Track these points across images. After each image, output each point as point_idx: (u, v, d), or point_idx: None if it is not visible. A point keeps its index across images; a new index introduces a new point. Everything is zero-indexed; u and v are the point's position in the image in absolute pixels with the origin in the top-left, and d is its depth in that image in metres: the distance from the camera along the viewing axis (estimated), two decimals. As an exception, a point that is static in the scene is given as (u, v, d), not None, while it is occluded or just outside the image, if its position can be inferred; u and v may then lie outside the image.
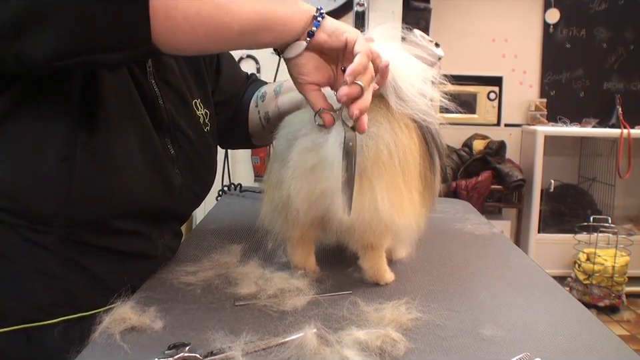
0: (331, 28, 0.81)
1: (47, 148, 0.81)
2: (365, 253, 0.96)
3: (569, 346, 0.76)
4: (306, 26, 0.80)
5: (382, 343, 0.72)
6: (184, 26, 0.70)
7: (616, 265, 3.39)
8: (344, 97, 0.79)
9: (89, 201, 0.84)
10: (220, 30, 0.74)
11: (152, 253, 0.99)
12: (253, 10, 0.75)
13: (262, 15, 0.76)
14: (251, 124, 1.27)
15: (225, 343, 0.72)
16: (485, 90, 4.06)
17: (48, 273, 0.85)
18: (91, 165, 0.83)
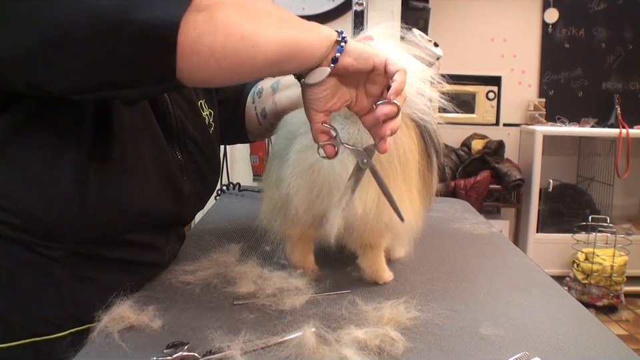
0: (356, 51, 0.78)
1: (60, 167, 0.79)
2: (363, 252, 0.96)
3: (567, 345, 0.76)
4: (328, 51, 0.77)
5: (381, 342, 0.72)
6: (209, 61, 0.67)
7: (614, 264, 3.40)
8: (383, 116, 0.78)
9: (102, 219, 0.83)
10: (245, 64, 0.71)
11: (160, 261, 0.99)
12: (277, 41, 0.71)
13: (286, 45, 0.73)
14: (248, 120, 1.27)
15: (224, 342, 0.72)
16: (484, 90, 4.05)
17: (57, 286, 0.83)
18: (104, 184, 0.82)
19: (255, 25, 0.69)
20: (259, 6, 0.71)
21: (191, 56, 0.65)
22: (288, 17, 0.74)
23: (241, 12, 0.69)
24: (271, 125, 1.22)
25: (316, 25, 0.78)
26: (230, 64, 0.69)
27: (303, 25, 0.76)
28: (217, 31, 0.66)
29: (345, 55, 0.77)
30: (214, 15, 0.66)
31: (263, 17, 0.71)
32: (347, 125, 0.89)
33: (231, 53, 0.68)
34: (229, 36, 0.67)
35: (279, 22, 0.72)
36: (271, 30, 0.71)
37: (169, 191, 0.95)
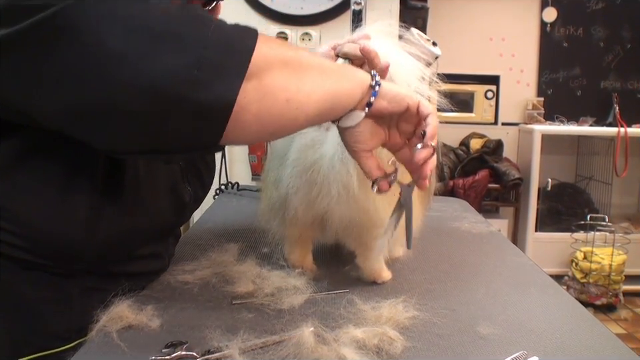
0: (390, 94, 0.78)
1: (74, 195, 0.78)
2: (362, 252, 0.96)
3: (565, 344, 0.76)
4: (363, 96, 0.76)
5: (379, 342, 0.73)
6: (253, 126, 0.67)
7: (613, 263, 3.40)
8: (422, 160, 0.79)
9: (114, 240, 0.83)
10: (288, 124, 0.72)
11: (162, 267, 0.99)
12: (319, 97, 0.71)
13: (327, 100, 0.73)
14: None
15: (222, 342, 0.72)
16: (482, 89, 4.05)
17: (65, 301, 0.82)
18: (117, 208, 0.82)
19: (299, 84, 0.69)
20: (302, 60, 0.71)
21: (237, 123, 0.66)
22: (326, 66, 0.75)
23: (287, 72, 0.69)
24: None
25: (350, 69, 0.79)
26: (274, 127, 0.71)
27: (340, 71, 0.77)
28: (264, 97, 0.67)
29: (379, 99, 0.77)
30: (262, 81, 0.66)
31: (305, 72, 0.71)
32: None
33: (275, 118, 0.69)
34: (275, 101, 0.68)
35: (319, 75, 0.72)
36: (313, 86, 0.71)
37: (173, 202, 0.95)
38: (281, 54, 0.69)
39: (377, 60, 0.89)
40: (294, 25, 2.52)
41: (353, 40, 0.93)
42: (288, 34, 2.51)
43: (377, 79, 0.77)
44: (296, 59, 0.70)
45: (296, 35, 2.52)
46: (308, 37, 2.52)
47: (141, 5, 0.63)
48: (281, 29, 2.51)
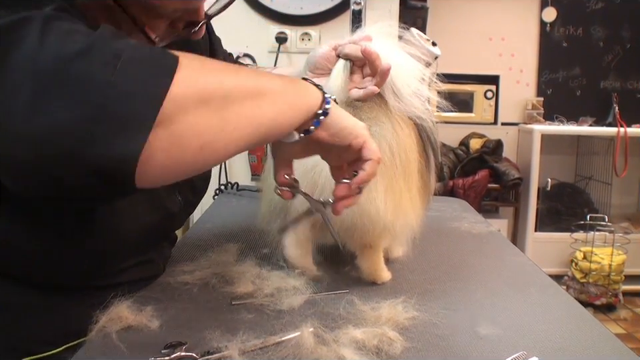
0: (335, 128, 0.73)
1: (45, 221, 0.77)
2: (363, 253, 0.96)
3: (565, 344, 0.76)
4: (305, 121, 0.71)
5: (379, 342, 0.73)
6: (160, 174, 0.61)
7: (613, 263, 3.40)
8: (339, 196, 0.78)
9: (94, 262, 0.83)
10: (203, 168, 0.65)
11: (156, 272, 0.98)
12: (246, 132, 0.65)
13: (259, 130, 0.66)
14: None
15: (222, 342, 0.72)
16: (482, 89, 4.05)
17: (53, 309, 0.82)
18: (98, 230, 0.81)
19: (219, 124, 0.62)
20: (230, 91, 0.63)
21: (141, 175, 0.58)
22: (267, 89, 0.67)
23: (204, 112, 0.60)
24: None
25: (301, 89, 0.72)
26: (186, 172, 0.64)
27: (284, 94, 0.69)
28: (172, 147, 0.59)
29: (320, 129, 0.72)
30: (171, 128, 0.58)
31: (232, 106, 0.63)
32: None
33: (187, 165, 0.62)
34: (186, 149, 0.60)
35: (252, 104, 0.65)
36: (240, 120, 0.64)
37: (160, 215, 0.94)
38: (202, 89, 0.60)
39: (379, 62, 0.89)
40: (293, 25, 2.52)
41: (354, 41, 0.94)
42: (287, 34, 2.51)
43: (326, 106, 0.72)
44: (220, 92, 0.62)
45: (295, 34, 2.52)
46: (308, 37, 2.52)
47: (32, 46, 0.55)
48: (281, 29, 2.51)
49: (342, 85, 0.91)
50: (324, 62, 0.97)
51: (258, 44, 2.52)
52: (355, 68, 0.94)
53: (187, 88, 0.59)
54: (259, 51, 2.52)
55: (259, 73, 0.73)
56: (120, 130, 0.55)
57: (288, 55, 2.54)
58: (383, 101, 0.93)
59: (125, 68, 0.56)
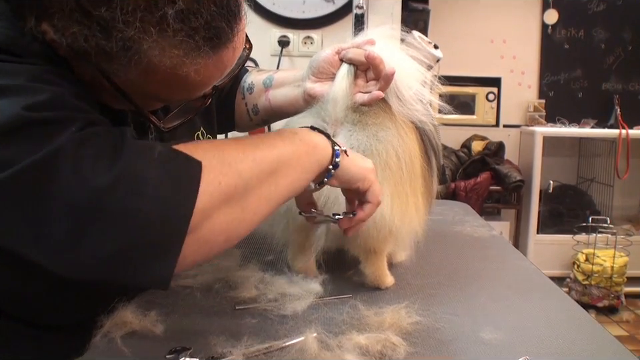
0: (344, 177, 0.79)
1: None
2: (367, 258, 0.96)
3: (567, 349, 0.76)
4: (318, 176, 0.78)
5: (382, 347, 0.73)
6: (190, 265, 0.67)
7: (615, 265, 3.40)
8: (344, 228, 0.85)
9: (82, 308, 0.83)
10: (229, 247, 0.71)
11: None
12: (267, 209, 0.71)
13: (279, 202, 0.73)
14: (238, 115, 1.24)
15: (226, 347, 0.72)
16: (484, 91, 4.05)
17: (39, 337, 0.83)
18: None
19: (241, 215, 0.68)
20: (250, 180, 0.68)
21: (179, 269, 0.63)
22: (282, 163, 0.72)
23: (228, 209, 0.66)
24: (262, 120, 1.20)
25: (309, 150, 0.76)
26: (214, 256, 0.70)
27: (298, 163, 0.74)
28: (201, 247, 0.65)
29: (331, 179, 0.79)
30: (200, 233, 0.63)
31: (252, 193, 0.68)
32: (355, 132, 0.90)
33: (214, 254, 0.69)
34: (213, 246, 0.67)
35: (270, 183, 0.70)
36: (261, 203, 0.70)
37: None
38: (224, 191, 0.65)
39: (383, 66, 0.89)
40: (296, 28, 2.53)
41: (358, 45, 0.93)
42: (290, 37, 2.52)
43: (336, 159, 0.77)
44: (241, 186, 0.67)
45: (298, 38, 2.53)
46: (310, 41, 2.52)
47: (66, 182, 0.57)
48: (283, 33, 2.52)
49: (346, 89, 0.91)
50: (327, 66, 0.97)
51: (260, 47, 2.52)
52: (358, 72, 0.94)
53: (210, 196, 0.63)
54: (261, 54, 2.53)
55: (273, 141, 0.74)
56: (154, 256, 0.60)
57: (290, 59, 2.54)
58: (387, 105, 0.93)
59: (152, 193, 0.59)
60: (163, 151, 0.63)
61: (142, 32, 0.63)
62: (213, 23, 0.66)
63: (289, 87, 1.10)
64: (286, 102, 1.09)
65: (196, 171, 0.63)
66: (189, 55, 0.67)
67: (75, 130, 0.60)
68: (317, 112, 0.93)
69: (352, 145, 0.88)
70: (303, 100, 1.01)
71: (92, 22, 0.63)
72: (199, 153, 0.65)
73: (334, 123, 0.91)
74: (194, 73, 0.68)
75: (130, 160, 0.60)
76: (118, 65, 0.67)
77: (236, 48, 0.72)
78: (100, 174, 0.58)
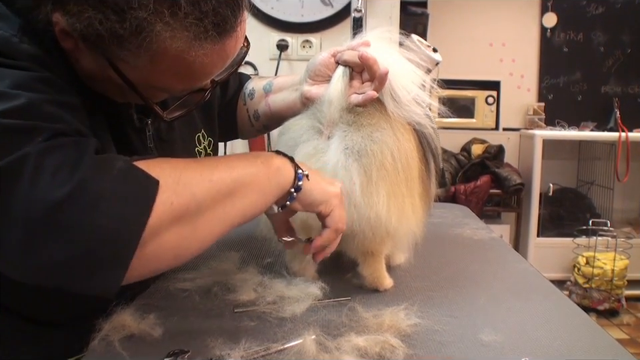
0: (307, 200, 0.80)
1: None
2: (364, 260, 0.96)
3: (567, 351, 0.76)
4: (280, 199, 0.79)
5: (381, 349, 0.73)
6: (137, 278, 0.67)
7: (615, 268, 3.39)
8: (310, 252, 0.86)
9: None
10: (177, 264, 0.72)
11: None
12: (220, 230, 0.73)
13: (233, 224, 0.74)
14: (239, 121, 1.25)
15: (224, 350, 0.72)
16: (483, 94, 4.06)
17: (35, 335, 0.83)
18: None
19: (193, 235, 0.69)
20: (204, 199, 0.68)
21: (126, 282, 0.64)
22: (239, 183, 0.72)
23: (179, 229, 0.66)
24: (263, 126, 1.21)
25: (271, 174, 0.76)
26: (162, 271, 0.73)
27: (257, 184, 0.75)
28: (149, 263, 0.66)
29: (294, 203, 0.80)
30: (147, 249, 0.63)
31: (205, 214, 0.69)
32: (350, 132, 0.90)
33: (162, 269, 0.71)
34: (162, 262, 0.68)
35: (226, 204, 0.71)
36: (213, 224, 0.71)
37: None
38: (176, 210, 0.65)
39: (376, 67, 0.90)
40: (294, 32, 2.53)
41: (353, 47, 0.94)
42: (288, 41, 2.52)
43: (298, 183, 0.78)
44: (193, 206, 0.67)
45: (296, 42, 2.53)
46: (308, 44, 2.53)
47: (23, 192, 0.58)
48: (282, 37, 2.52)
49: (341, 90, 0.92)
50: (323, 69, 0.98)
51: (259, 51, 2.52)
52: (354, 74, 0.95)
53: (161, 215, 0.64)
54: (260, 58, 2.53)
55: (233, 162, 0.75)
56: (102, 268, 0.61)
57: (289, 62, 2.54)
58: (383, 107, 0.93)
59: (106, 209, 0.60)
60: (122, 167, 0.64)
61: (155, 14, 0.65)
62: (220, 10, 0.69)
63: (287, 91, 1.11)
64: (284, 106, 1.10)
65: (152, 190, 0.64)
66: (197, 38, 0.69)
67: (42, 140, 0.62)
68: (313, 113, 0.94)
69: (347, 145, 0.88)
70: (301, 103, 1.02)
71: (107, 6, 0.65)
72: (156, 171, 0.65)
73: (329, 124, 0.91)
74: (200, 58, 0.71)
75: (88, 174, 0.61)
76: (128, 50, 0.69)
77: (238, 38, 0.75)
78: (57, 186, 0.58)
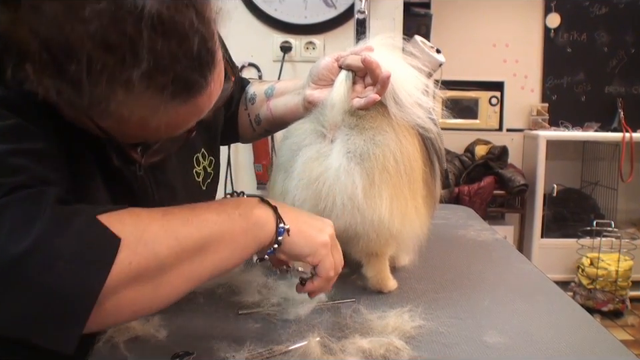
0: (291, 252, 0.76)
1: None
2: (368, 261, 0.97)
3: (572, 352, 0.76)
4: (259, 252, 0.75)
5: (385, 352, 0.73)
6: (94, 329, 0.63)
7: (619, 269, 3.38)
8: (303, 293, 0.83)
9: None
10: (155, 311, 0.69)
11: None
12: (187, 287, 0.68)
13: (202, 279, 0.70)
14: (241, 126, 1.24)
15: (229, 352, 0.72)
16: (487, 95, 4.05)
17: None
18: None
19: (155, 292, 0.65)
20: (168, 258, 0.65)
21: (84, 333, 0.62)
22: (208, 237, 0.68)
23: (139, 288, 0.63)
24: (265, 130, 1.20)
25: (248, 228, 0.72)
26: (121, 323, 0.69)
27: (229, 238, 0.70)
28: (105, 320, 0.63)
29: (278, 252, 0.76)
30: (104, 307, 0.61)
31: (170, 272, 0.65)
32: (353, 136, 0.90)
33: (124, 321, 0.70)
34: (118, 317, 0.66)
35: (190, 262, 0.67)
36: (180, 282, 0.67)
37: None
38: (135, 270, 0.62)
39: (379, 70, 0.90)
40: (298, 34, 2.53)
41: (356, 52, 0.95)
42: (292, 43, 2.52)
43: (279, 238, 0.74)
44: (154, 265, 0.64)
45: (300, 44, 2.53)
46: (312, 46, 2.53)
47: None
48: (285, 38, 2.52)
49: (344, 94, 0.92)
50: (326, 73, 0.98)
51: (263, 53, 2.53)
52: (357, 78, 0.95)
53: (119, 274, 0.61)
54: (263, 60, 2.53)
55: (207, 215, 0.71)
56: (59, 326, 0.59)
57: (292, 64, 2.54)
58: (386, 110, 0.93)
59: (63, 268, 0.58)
60: (82, 223, 0.62)
61: (109, 91, 0.62)
62: (185, 75, 0.64)
63: (290, 95, 1.10)
64: (287, 110, 1.10)
65: (112, 248, 0.61)
66: (158, 109, 0.65)
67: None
68: (316, 117, 0.94)
69: (349, 148, 0.88)
70: (303, 107, 1.02)
71: (63, 77, 0.62)
72: (118, 227, 0.63)
73: (332, 127, 0.91)
74: (169, 118, 0.68)
75: (46, 231, 0.59)
76: (92, 113, 0.66)
77: (212, 93, 0.70)
78: (14, 243, 0.57)
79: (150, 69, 0.61)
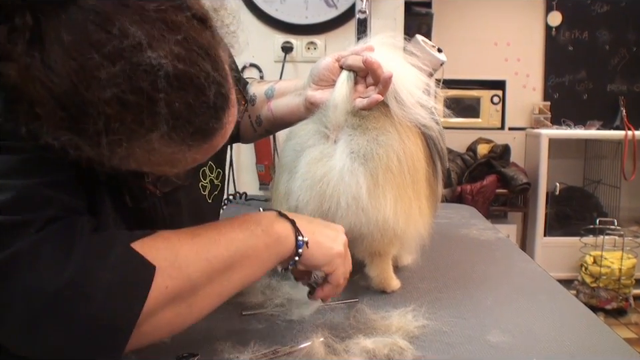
0: (309, 263, 0.79)
1: None
2: (372, 261, 0.97)
3: (575, 351, 0.76)
4: (281, 264, 0.78)
5: (389, 351, 0.73)
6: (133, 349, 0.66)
7: (623, 267, 3.38)
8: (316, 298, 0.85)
9: None
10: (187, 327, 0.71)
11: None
12: (217, 302, 0.72)
13: (230, 294, 0.73)
14: (242, 127, 1.24)
15: (233, 353, 0.72)
16: (489, 94, 4.05)
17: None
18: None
19: (188, 310, 0.68)
20: (200, 280, 0.68)
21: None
22: (234, 255, 0.71)
23: (174, 308, 0.66)
24: (266, 130, 1.20)
25: (270, 244, 0.75)
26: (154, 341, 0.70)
27: (253, 255, 0.73)
28: (142, 340, 0.65)
29: (298, 264, 0.78)
30: (142, 329, 0.63)
31: (201, 290, 0.68)
32: (356, 136, 0.90)
33: (159, 339, 0.70)
34: (155, 337, 0.68)
35: (223, 280, 0.70)
36: (211, 298, 0.70)
37: None
38: (170, 293, 0.65)
39: (380, 70, 0.90)
40: (299, 34, 2.53)
41: (357, 52, 0.95)
42: (293, 43, 2.52)
43: (299, 250, 0.76)
44: (188, 287, 0.67)
45: (301, 44, 2.53)
46: (313, 46, 2.53)
47: (23, 280, 0.59)
48: (286, 39, 2.52)
49: (346, 94, 0.92)
50: (327, 74, 0.98)
51: (264, 54, 2.53)
52: (358, 78, 0.95)
53: (156, 299, 0.64)
54: (265, 60, 2.53)
55: (233, 233, 0.73)
56: (99, 352, 0.62)
57: (294, 64, 2.55)
58: (388, 110, 0.93)
59: (101, 297, 0.60)
60: (118, 253, 0.63)
61: (129, 150, 0.62)
62: (202, 127, 0.64)
63: (290, 95, 1.10)
64: (288, 111, 1.10)
65: (148, 276, 0.64)
66: (177, 154, 0.65)
67: (34, 231, 0.61)
68: (319, 118, 0.94)
69: (353, 149, 0.89)
70: (304, 108, 1.02)
71: (81, 135, 0.60)
72: (152, 253, 0.65)
73: (335, 128, 0.91)
74: (187, 158, 0.68)
75: (83, 262, 0.61)
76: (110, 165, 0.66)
77: (227, 131, 0.70)
78: (54, 276, 0.59)
79: (169, 126, 0.61)
